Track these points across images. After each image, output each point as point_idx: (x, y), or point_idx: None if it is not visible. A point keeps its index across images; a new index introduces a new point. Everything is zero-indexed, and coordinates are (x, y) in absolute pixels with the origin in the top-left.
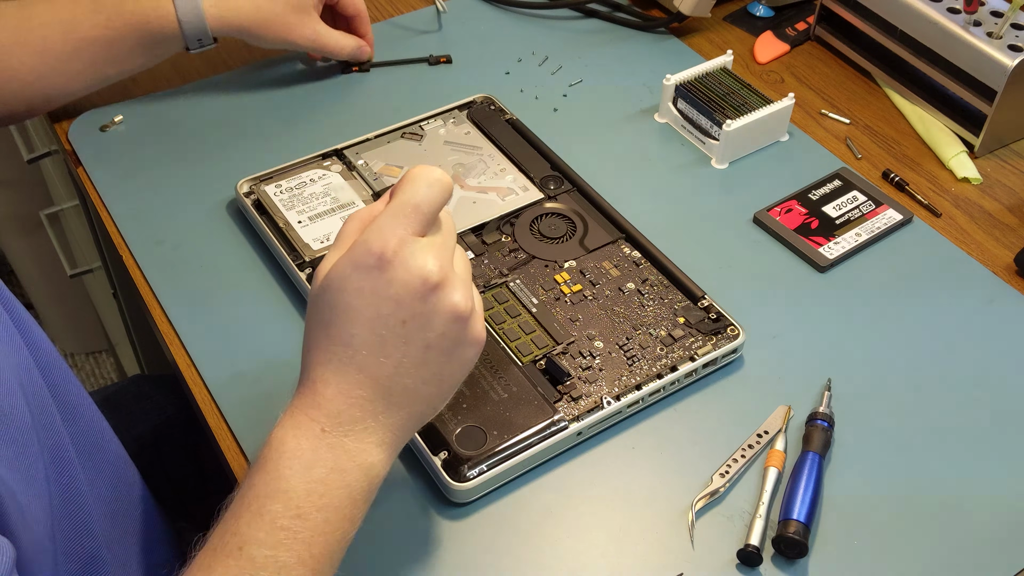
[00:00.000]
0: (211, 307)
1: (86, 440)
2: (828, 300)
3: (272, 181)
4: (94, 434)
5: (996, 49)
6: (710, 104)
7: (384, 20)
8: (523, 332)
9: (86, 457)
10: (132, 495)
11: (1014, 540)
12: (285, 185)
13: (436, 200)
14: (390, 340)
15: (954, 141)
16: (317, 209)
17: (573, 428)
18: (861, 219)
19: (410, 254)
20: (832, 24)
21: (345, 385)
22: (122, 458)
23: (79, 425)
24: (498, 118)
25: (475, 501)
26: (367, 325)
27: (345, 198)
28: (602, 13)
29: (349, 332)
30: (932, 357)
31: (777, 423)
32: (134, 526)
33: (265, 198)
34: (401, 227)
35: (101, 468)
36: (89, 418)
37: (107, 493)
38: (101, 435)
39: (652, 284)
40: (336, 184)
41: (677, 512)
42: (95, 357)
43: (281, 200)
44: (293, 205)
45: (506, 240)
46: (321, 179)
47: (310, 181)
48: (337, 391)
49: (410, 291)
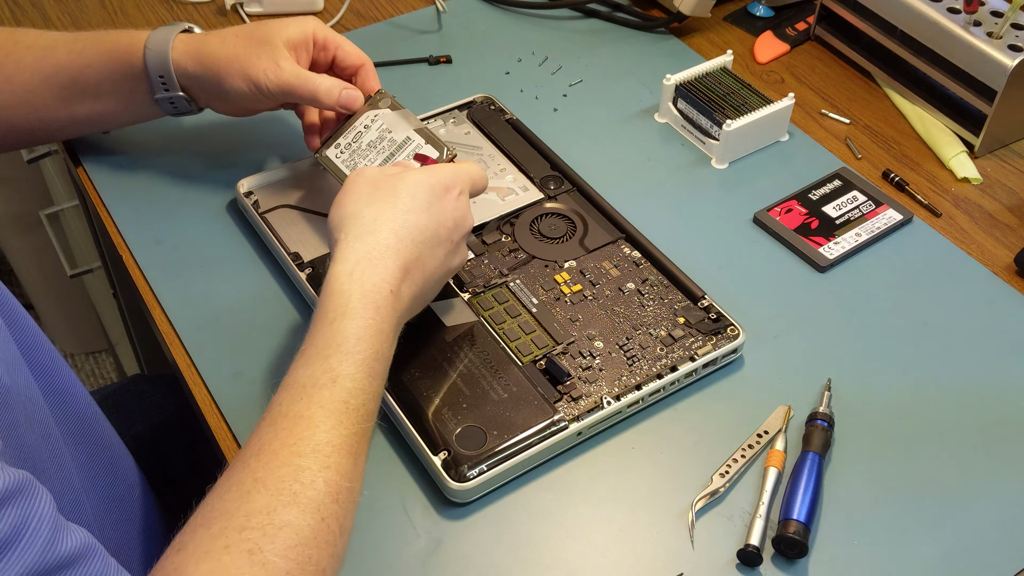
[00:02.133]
0: (211, 307)
1: (76, 425)
2: (828, 300)
3: (331, 143)
4: (86, 420)
5: (996, 49)
6: (710, 104)
7: (384, 20)
8: (523, 332)
9: (75, 441)
10: (128, 482)
11: (1014, 540)
12: (343, 143)
13: (482, 186)
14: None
15: (954, 141)
16: (380, 159)
17: (573, 428)
18: (861, 219)
19: (466, 202)
20: (832, 24)
21: (410, 264)
22: (117, 445)
23: (68, 410)
24: (498, 118)
25: (475, 501)
26: (437, 225)
27: (400, 136)
28: (602, 13)
29: (423, 222)
30: (932, 357)
31: (777, 423)
32: (130, 513)
33: (329, 164)
34: (463, 181)
35: (93, 453)
36: (79, 404)
37: (101, 480)
38: (93, 421)
39: (652, 284)
40: (389, 121)
41: (677, 512)
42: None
43: (343, 161)
44: (357, 162)
45: (506, 240)
46: (374, 122)
47: (364, 128)
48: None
49: (464, 225)
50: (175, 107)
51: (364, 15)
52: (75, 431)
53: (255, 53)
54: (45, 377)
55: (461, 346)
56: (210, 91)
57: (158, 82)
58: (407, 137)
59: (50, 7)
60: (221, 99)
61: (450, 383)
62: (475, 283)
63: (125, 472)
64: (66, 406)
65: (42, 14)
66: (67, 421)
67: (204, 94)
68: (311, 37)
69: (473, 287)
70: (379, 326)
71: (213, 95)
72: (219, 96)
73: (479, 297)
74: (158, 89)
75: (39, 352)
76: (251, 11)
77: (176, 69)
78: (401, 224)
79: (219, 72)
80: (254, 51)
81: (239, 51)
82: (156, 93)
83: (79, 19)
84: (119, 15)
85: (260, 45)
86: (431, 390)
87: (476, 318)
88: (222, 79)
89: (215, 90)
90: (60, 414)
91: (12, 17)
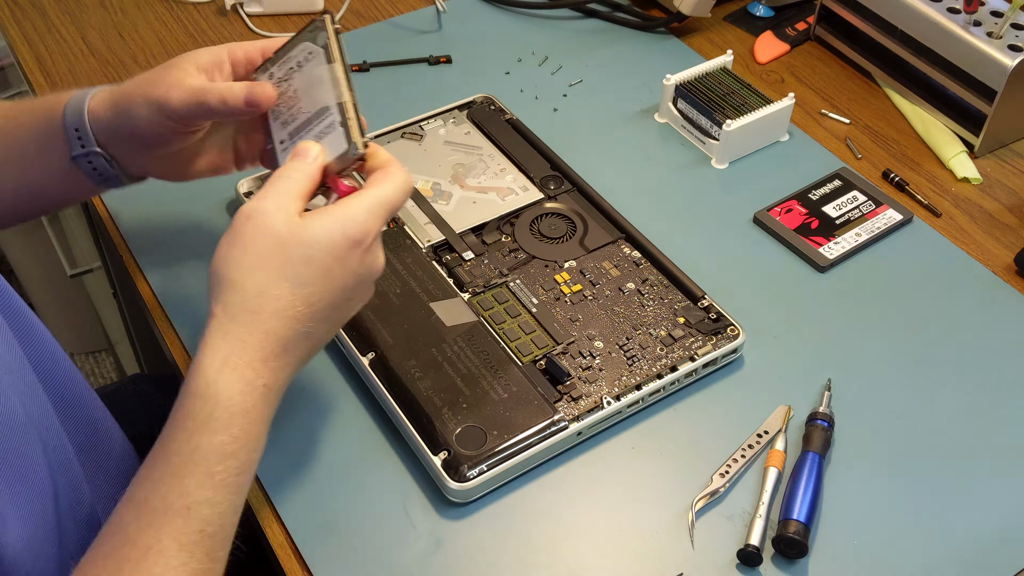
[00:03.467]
0: None
1: (86, 436)
2: (828, 300)
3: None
4: (96, 430)
5: (996, 49)
6: (710, 104)
7: (384, 20)
8: (523, 332)
9: (86, 453)
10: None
11: (1014, 540)
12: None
13: (403, 201)
14: (339, 308)
15: (954, 141)
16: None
17: (573, 428)
18: (861, 219)
19: (378, 245)
20: (832, 24)
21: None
22: (126, 453)
23: (78, 420)
24: (498, 118)
25: (475, 501)
26: (334, 293)
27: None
28: (602, 13)
29: (316, 294)
30: (932, 357)
31: (777, 423)
32: None
33: None
34: (380, 221)
35: (101, 463)
36: (90, 413)
37: (109, 489)
38: (104, 431)
39: (652, 284)
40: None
41: (677, 512)
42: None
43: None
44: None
45: (506, 240)
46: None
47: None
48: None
49: (371, 275)
50: (95, 169)
51: (364, 15)
52: (86, 444)
53: (160, 76)
54: (59, 392)
55: (461, 346)
56: (124, 138)
57: (74, 137)
58: (325, 108)
59: (50, 7)
60: (136, 144)
61: (450, 383)
62: (475, 283)
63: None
64: (77, 417)
65: (42, 14)
66: (77, 432)
67: (121, 146)
68: (225, 58)
69: (473, 287)
70: (247, 434)
71: (127, 142)
72: (133, 140)
73: (479, 297)
74: (75, 146)
75: (55, 367)
76: (251, 11)
77: (90, 117)
78: (289, 304)
79: (127, 107)
80: (159, 75)
81: (145, 78)
82: (73, 151)
83: (79, 19)
84: (119, 15)
85: (166, 69)
86: (431, 390)
87: (476, 318)
88: (130, 113)
89: (127, 132)
90: (71, 425)
91: (12, 17)
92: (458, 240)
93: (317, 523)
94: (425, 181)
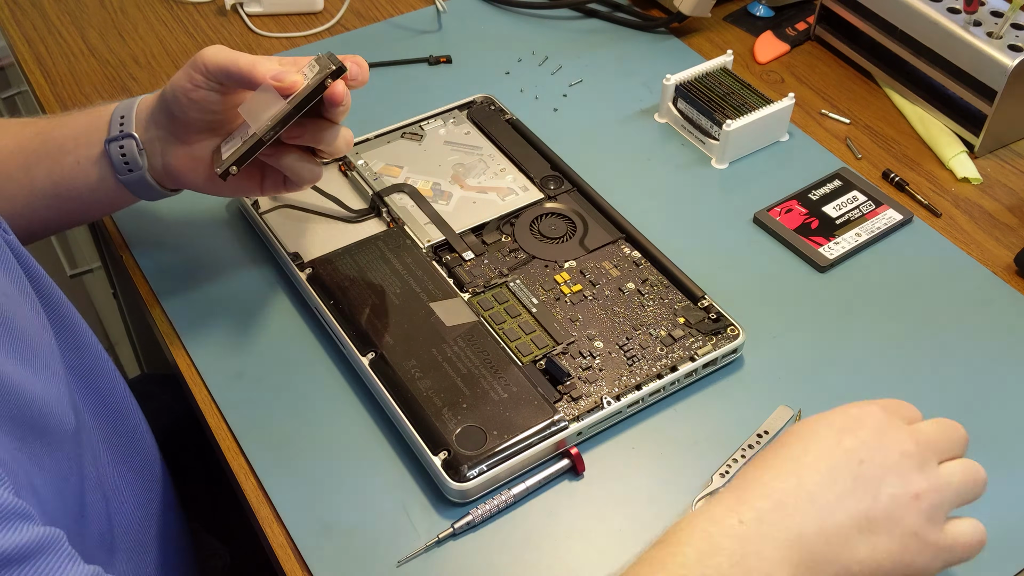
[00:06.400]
0: (211, 307)
1: (120, 440)
2: (828, 300)
3: None
4: (128, 433)
5: (996, 49)
6: (710, 104)
7: (384, 20)
8: (523, 332)
9: (120, 455)
10: (160, 488)
11: (1014, 540)
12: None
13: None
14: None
15: (954, 141)
16: None
17: (573, 428)
18: (861, 219)
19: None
20: (832, 24)
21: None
22: (154, 456)
23: (116, 426)
24: (498, 118)
25: (475, 501)
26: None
27: None
28: (602, 13)
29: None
30: (932, 357)
31: (777, 423)
32: (156, 522)
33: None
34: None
35: (132, 464)
36: (126, 418)
37: (143, 495)
38: (137, 434)
39: (652, 284)
40: None
41: (677, 512)
42: None
43: None
44: None
45: (506, 240)
46: None
47: None
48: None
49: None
50: (123, 156)
51: (364, 15)
52: (123, 451)
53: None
54: (102, 399)
55: (461, 346)
56: (162, 121)
57: (116, 121)
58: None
59: (50, 7)
60: (175, 126)
61: (450, 383)
62: (475, 283)
63: (161, 483)
64: (114, 423)
65: (42, 14)
66: (117, 438)
67: (159, 130)
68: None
69: (473, 287)
70: None
71: (166, 127)
72: (172, 122)
73: (479, 297)
74: (114, 128)
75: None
76: (251, 11)
77: (140, 106)
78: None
79: (169, 87)
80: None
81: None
82: (111, 133)
83: (79, 19)
84: (119, 15)
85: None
86: (431, 390)
87: (476, 318)
88: (172, 86)
89: (166, 113)
90: (107, 430)
91: (12, 17)
92: (458, 240)
93: (317, 523)
94: (425, 181)
